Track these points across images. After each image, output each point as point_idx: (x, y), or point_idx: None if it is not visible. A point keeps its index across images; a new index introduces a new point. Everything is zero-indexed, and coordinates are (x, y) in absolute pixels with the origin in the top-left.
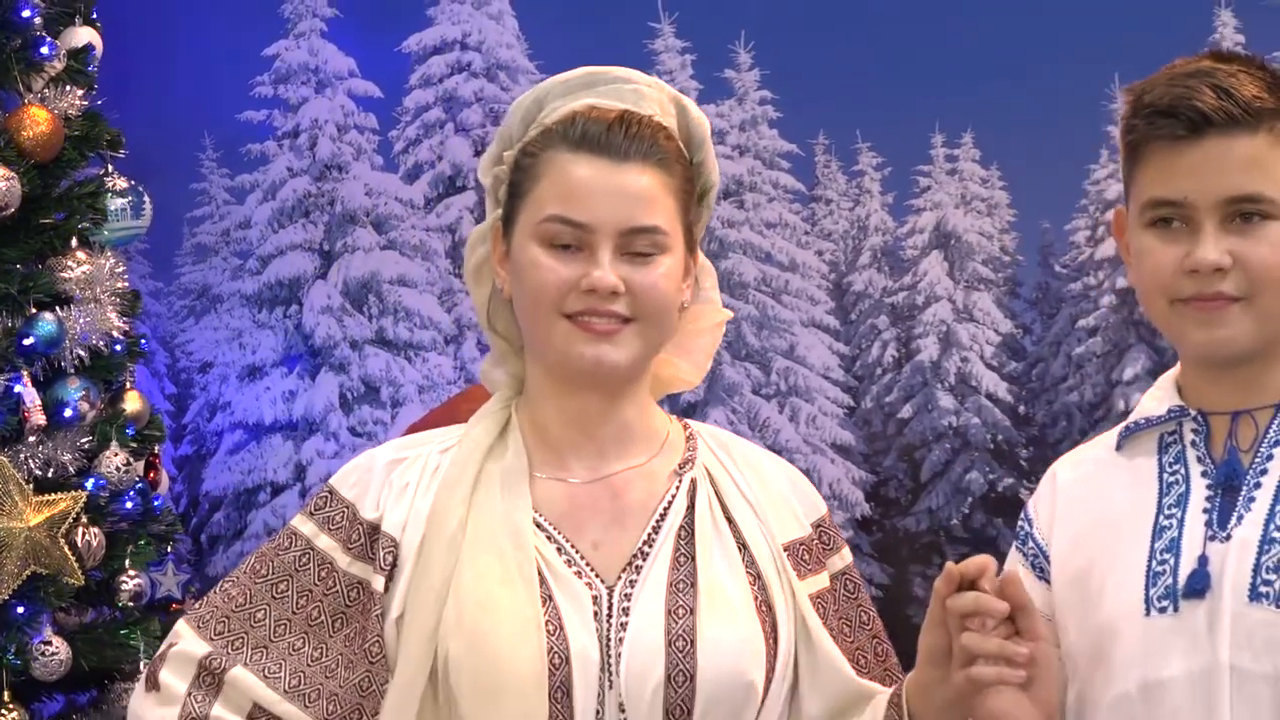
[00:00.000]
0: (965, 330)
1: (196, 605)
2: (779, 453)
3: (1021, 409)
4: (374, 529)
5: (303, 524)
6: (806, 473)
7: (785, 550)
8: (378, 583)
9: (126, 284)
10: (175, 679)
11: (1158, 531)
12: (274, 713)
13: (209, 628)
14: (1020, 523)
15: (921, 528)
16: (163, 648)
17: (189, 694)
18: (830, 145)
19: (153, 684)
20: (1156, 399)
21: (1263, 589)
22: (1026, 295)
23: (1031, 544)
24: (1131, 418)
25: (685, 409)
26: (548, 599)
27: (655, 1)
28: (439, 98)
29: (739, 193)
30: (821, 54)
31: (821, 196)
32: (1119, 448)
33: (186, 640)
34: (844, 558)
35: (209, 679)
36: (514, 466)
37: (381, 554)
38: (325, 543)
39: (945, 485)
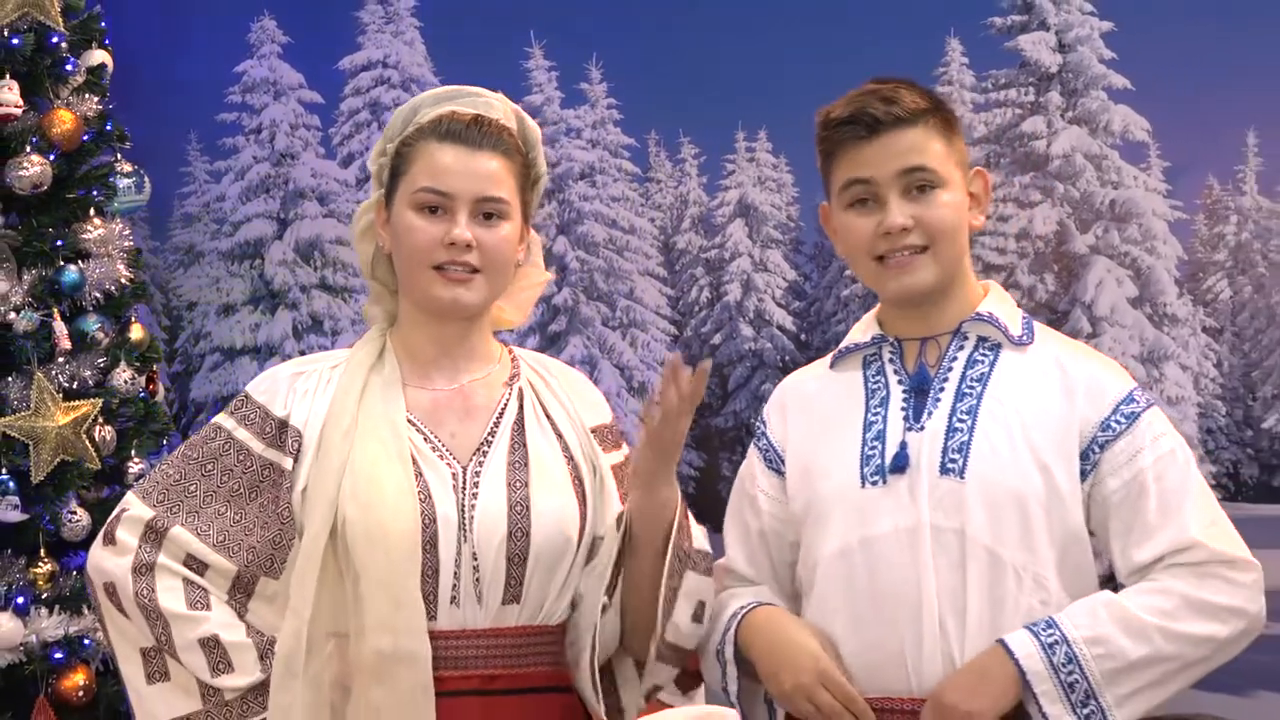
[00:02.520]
0: (761, 278)
1: (141, 482)
2: (621, 370)
3: (803, 336)
4: (283, 424)
5: (225, 420)
6: (643, 385)
7: (594, 432)
8: (287, 464)
9: (131, 243)
10: (128, 536)
11: (867, 425)
12: (204, 560)
13: (152, 498)
14: (758, 425)
15: (728, 425)
16: (116, 512)
17: (139, 547)
18: (659, 139)
19: (110, 540)
20: (862, 330)
21: (949, 465)
22: (807, 252)
23: (766, 442)
24: (844, 344)
25: (552, 337)
26: (419, 475)
27: (529, 32)
28: (366, 104)
29: (591, 175)
30: (653, 72)
31: (653, 178)
32: (832, 366)
33: (135, 507)
34: (628, 444)
35: (154, 535)
36: (390, 378)
37: (289, 442)
38: (243, 434)
39: (746, 393)
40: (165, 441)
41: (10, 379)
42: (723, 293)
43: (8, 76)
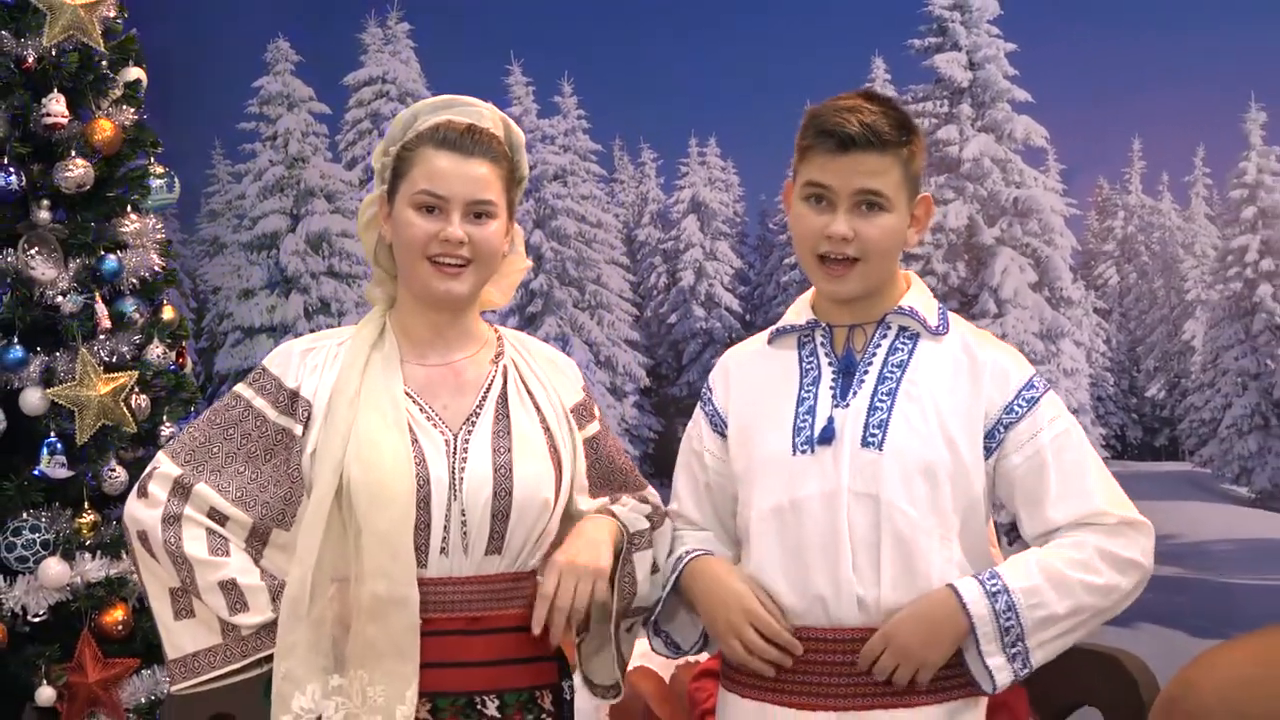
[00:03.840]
0: (711, 266)
1: (170, 443)
2: (590, 346)
3: (748, 317)
4: (294, 395)
5: (244, 390)
6: (609, 359)
7: (571, 410)
8: (297, 430)
9: (163, 235)
10: (159, 490)
11: (800, 400)
12: (224, 513)
13: (180, 457)
14: (704, 391)
15: (683, 394)
16: (148, 469)
17: (168, 500)
18: (623, 145)
19: (143, 493)
20: (797, 313)
21: (870, 439)
22: (751, 243)
23: (711, 408)
24: (781, 324)
25: (530, 317)
26: (415, 442)
27: (509, 52)
28: (368, 114)
29: (563, 176)
30: (617, 87)
31: (617, 179)
32: (770, 343)
33: (165, 465)
34: (594, 427)
35: (181, 490)
36: (390, 355)
37: (300, 411)
38: (259, 403)
39: (698, 366)
40: (193, 408)
41: (58, 354)
42: (678, 279)
43: (55, 90)
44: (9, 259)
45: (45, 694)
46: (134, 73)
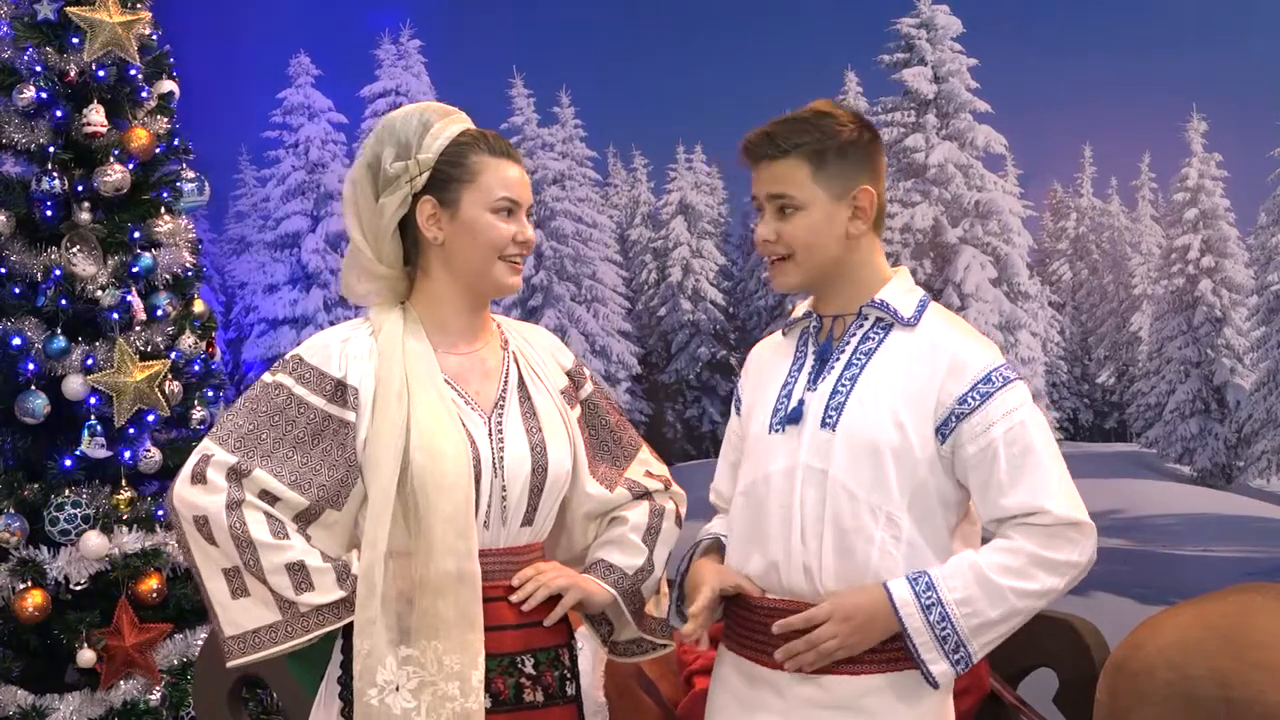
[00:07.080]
0: (697, 263)
1: (216, 431)
2: (586, 336)
3: (731, 310)
4: (340, 384)
5: (284, 379)
6: (603, 349)
7: (561, 393)
8: (350, 417)
9: (194, 235)
10: (218, 477)
11: (784, 384)
12: (276, 495)
13: (229, 445)
14: (738, 380)
15: (671, 380)
16: (200, 457)
17: (228, 487)
18: (616, 152)
19: (200, 480)
20: (802, 307)
21: (827, 419)
22: (734, 242)
23: (737, 394)
24: (790, 318)
25: (532, 309)
26: (462, 426)
27: (511, 66)
28: None
29: (562, 181)
30: (611, 98)
31: (611, 183)
32: (784, 334)
33: (219, 454)
34: (587, 388)
35: (237, 477)
36: (424, 346)
37: (350, 398)
38: (301, 391)
39: (685, 355)
40: (221, 394)
41: (98, 344)
42: (667, 275)
43: (95, 101)
44: (53, 256)
45: (86, 656)
46: (167, 85)
